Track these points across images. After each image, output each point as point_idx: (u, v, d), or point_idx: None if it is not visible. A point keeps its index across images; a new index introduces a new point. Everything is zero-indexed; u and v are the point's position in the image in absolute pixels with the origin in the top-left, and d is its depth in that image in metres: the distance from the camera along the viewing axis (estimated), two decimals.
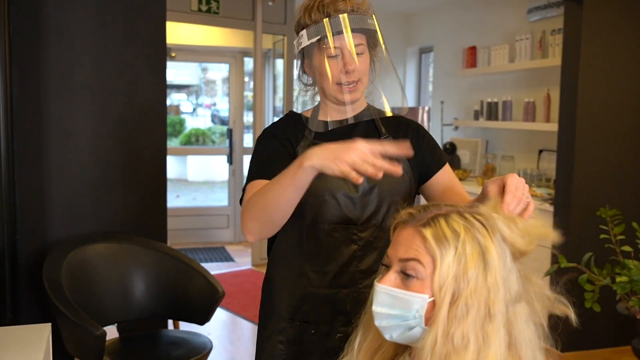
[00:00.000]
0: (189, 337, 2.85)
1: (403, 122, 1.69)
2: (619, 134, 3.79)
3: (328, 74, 1.53)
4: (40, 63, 2.90)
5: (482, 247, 1.07)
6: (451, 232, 1.07)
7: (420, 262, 1.07)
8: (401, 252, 1.11)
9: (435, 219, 1.10)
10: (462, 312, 1.05)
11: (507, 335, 1.07)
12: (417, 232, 1.10)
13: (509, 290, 1.08)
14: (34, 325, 1.83)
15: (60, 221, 2.98)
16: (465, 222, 1.09)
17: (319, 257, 1.56)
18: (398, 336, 1.12)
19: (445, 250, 1.06)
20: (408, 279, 1.09)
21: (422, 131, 1.69)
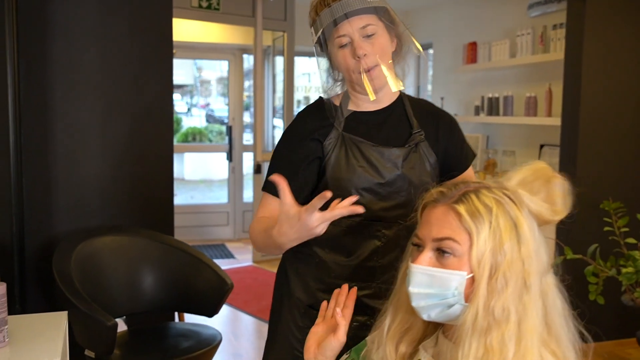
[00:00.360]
0: (198, 329, 2.84)
1: (436, 114, 1.65)
2: (622, 127, 3.80)
3: (343, 65, 1.50)
4: (46, 57, 2.89)
5: (514, 220, 1.09)
6: (484, 207, 1.09)
7: (456, 241, 1.08)
8: (435, 231, 1.11)
9: (466, 196, 1.11)
10: (501, 284, 1.06)
11: (543, 305, 1.09)
12: (450, 209, 1.11)
13: (540, 261, 1.10)
14: (50, 313, 1.83)
15: (66, 214, 2.97)
16: (495, 196, 1.11)
17: (341, 250, 1.55)
18: (436, 315, 1.12)
19: (480, 225, 1.07)
20: (444, 257, 1.09)
21: (454, 127, 1.65)
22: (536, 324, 1.07)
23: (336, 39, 1.48)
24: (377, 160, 1.52)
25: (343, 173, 1.52)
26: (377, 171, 1.52)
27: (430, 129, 1.60)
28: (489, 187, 1.13)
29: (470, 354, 1.05)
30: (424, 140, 1.57)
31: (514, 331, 1.04)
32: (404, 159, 1.53)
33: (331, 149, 1.54)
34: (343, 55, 1.49)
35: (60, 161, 2.94)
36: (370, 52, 1.46)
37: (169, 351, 2.64)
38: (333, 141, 1.54)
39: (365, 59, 1.46)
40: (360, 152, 1.53)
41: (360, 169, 1.52)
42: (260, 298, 4.85)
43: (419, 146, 1.56)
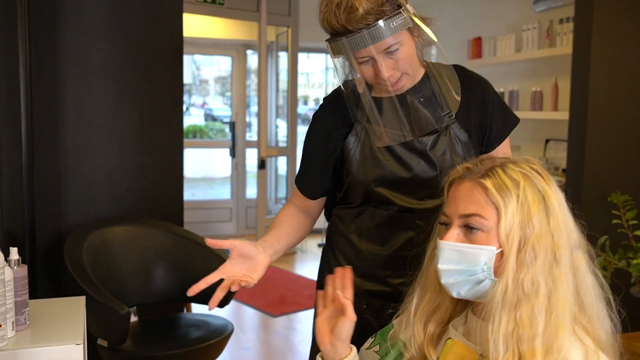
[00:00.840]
0: (209, 320, 2.84)
1: (467, 85, 1.52)
2: (630, 120, 3.80)
3: (365, 77, 1.43)
4: (57, 48, 2.88)
5: (542, 192, 1.09)
6: (510, 181, 1.08)
7: (483, 216, 1.08)
8: (461, 208, 1.11)
9: (492, 170, 1.11)
10: (530, 257, 1.06)
11: (574, 280, 1.09)
12: (477, 184, 1.11)
13: (570, 235, 1.10)
14: (68, 297, 1.82)
15: (76, 205, 2.96)
16: (522, 170, 1.11)
17: (375, 240, 1.55)
18: (466, 292, 1.11)
19: (507, 198, 1.07)
20: (472, 233, 1.09)
21: (487, 98, 1.53)
22: (567, 297, 1.06)
23: (355, 57, 1.40)
24: (403, 153, 1.49)
25: (369, 169, 1.51)
26: (404, 164, 1.49)
27: (461, 104, 1.50)
28: (516, 162, 1.13)
29: (500, 329, 1.04)
30: (454, 121, 1.49)
31: (543, 304, 1.04)
32: (432, 146, 1.48)
33: (355, 144, 1.52)
34: (364, 70, 1.41)
35: (70, 152, 2.93)
36: (394, 70, 1.39)
37: (180, 341, 2.63)
38: (355, 137, 1.52)
39: (390, 78, 1.39)
40: (385, 147, 1.50)
41: (386, 163, 1.49)
42: (266, 293, 4.85)
43: (448, 128, 1.49)
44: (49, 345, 1.48)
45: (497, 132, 1.54)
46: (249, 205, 6.97)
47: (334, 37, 1.38)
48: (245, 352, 3.74)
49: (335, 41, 1.37)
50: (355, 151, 1.52)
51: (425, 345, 1.20)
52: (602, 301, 1.14)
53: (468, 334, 1.16)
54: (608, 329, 1.13)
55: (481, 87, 1.54)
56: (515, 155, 1.23)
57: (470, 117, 1.51)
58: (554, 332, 1.03)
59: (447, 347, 1.17)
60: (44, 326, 1.60)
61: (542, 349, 1.02)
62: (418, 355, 1.21)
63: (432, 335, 1.21)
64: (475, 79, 1.55)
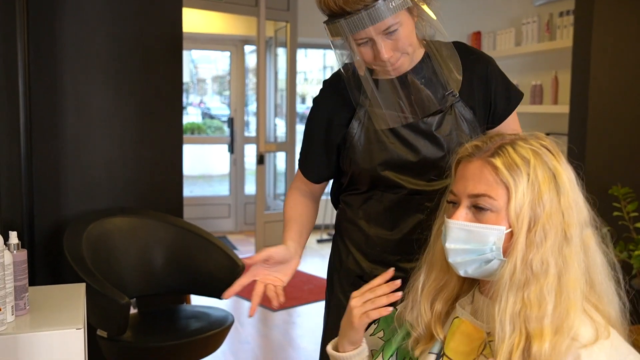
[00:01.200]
0: (209, 311, 2.82)
1: (469, 62, 1.49)
2: (630, 113, 3.79)
3: (364, 59, 1.40)
4: (55, 38, 2.86)
5: (553, 170, 1.07)
6: (520, 159, 1.06)
7: (492, 197, 1.06)
8: (470, 187, 1.09)
9: (502, 148, 1.09)
10: (540, 237, 1.04)
11: (585, 258, 1.07)
12: (486, 163, 1.08)
13: (581, 212, 1.08)
14: (69, 285, 1.81)
15: (75, 195, 2.94)
16: (532, 147, 1.09)
17: (384, 224, 1.53)
18: (474, 271, 1.10)
19: (518, 177, 1.05)
20: (481, 212, 1.07)
21: (490, 77, 1.50)
22: (578, 277, 1.05)
23: (354, 39, 1.37)
24: (408, 135, 1.47)
25: (375, 153, 1.48)
26: (410, 146, 1.47)
27: (464, 82, 1.48)
28: (525, 139, 1.11)
29: (507, 309, 1.03)
30: (458, 100, 1.47)
31: (553, 285, 1.02)
32: (438, 126, 1.46)
33: (358, 129, 1.50)
34: (363, 52, 1.38)
35: (69, 143, 2.91)
36: (394, 50, 1.37)
37: (180, 332, 2.62)
38: (358, 122, 1.50)
39: (390, 59, 1.37)
40: (389, 129, 1.48)
41: (392, 146, 1.47)
42: None
43: (453, 107, 1.46)
44: (49, 330, 1.46)
45: (502, 108, 1.52)
46: (247, 201, 6.95)
47: (331, 19, 1.35)
48: (245, 346, 3.72)
49: (333, 23, 1.35)
50: (360, 136, 1.50)
51: (433, 323, 1.18)
52: (611, 279, 1.12)
53: (475, 313, 1.15)
54: (617, 307, 1.12)
55: (484, 63, 1.51)
56: (525, 132, 1.21)
57: (473, 94, 1.49)
58: (564, 312, 1.02)
59: (454, 326, 1.16)
60: (44, 311, 1.58)
61: (552, 328, 1.01)
62: (425, 334, 1.19)
63: (439, 313, 1.19)
64: (477, 55, 1.53)
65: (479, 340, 1.12)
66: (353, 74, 1.49)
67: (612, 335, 1.04)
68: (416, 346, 1.20)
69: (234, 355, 3.57)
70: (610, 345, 1.01)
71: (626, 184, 3.58)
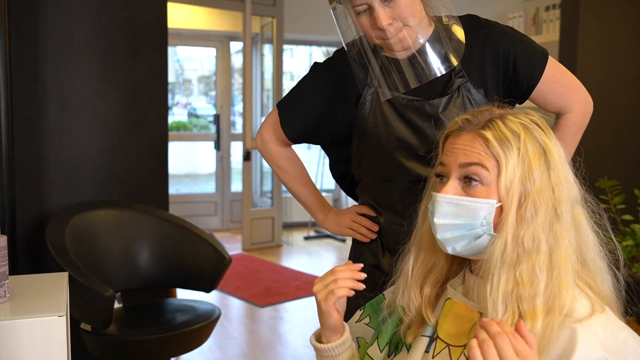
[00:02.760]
0: (196, 305, 2.78)
1: (480, 42, 1.42)
2: (617, 107, 3.80)
3: (364, 31, 1.36)
4: (37, 26, 2.81)
5: (543, 145, 1.05)
6: (511, 133, 1.04)
7: (485, 166, 1.04)
8: (461, 157, 1.06)
9: (492, 122, 1.06)
10: (530, 213, 1.02)
11: (576, 235, 1.05)
12: (477, 135, 1.06)
13: (571, 188, 1.06)
14: (51, 274, 1.76)
15: (58, 189, 2.89)
16: (522, 121, 1.06)
17: (397, 214, 1.50)
18: (462, 247, 1.07)
19: (508, 151, 1.03)
20: (470, 186, 1.05)
21: (507, 50, 1.41)
22: (569, 254, 1.02)
23: (352, 6, 1.33)
24: (414, 118, 1.42)
25: (383, 137, 1.45)
26: (416, 130, 1.42)
27: (475, 60, 1.41)
28: (514, 114, 1.09)
29: (499, 288, 1.00)
30: (467, 81, 1.40)
31: (544, 262, 1.00)
32: (444, 109, 1.40)
33: (367, 110, 1.46)
34: (362, 22, 1.34)
35: (51, 134, 2.86)
36: (393, 19, 1.30)
37: (166, 325, 2.58)
38: (369, 102, 1.46)
39: (389, 27, 1.30)
40: (396, 111, 1.43)
41: (398, 129, 1.43)
42: (252, 284, 4.79)
43: (461, 89, 1.40)
44: (30, 317, 1.42)
45: (529, 77, 1.42)
46: (234, 198, 6.91)
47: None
48: (232, 342, 3.69)
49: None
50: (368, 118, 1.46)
51: (423, 308, 1.16)
52: (603, 258, 1.10)
53: (467, 294, 1.12)
54: (610, 286, 1.10)
55: (496, 37, 1.42)
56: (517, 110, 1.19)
57: (485, 72, 1.42)
58: (556, 290, 1.00)
59: (446, 308, 1.13)
60: (25, 299, 1.54)
61: (544, 307, 0.98)
62: (417, 319, 1.16)
63: (429, 297, 1.17)
64: (490, 28, 1.43)
65: (472, 322, 1.09)
66: (359, 51, 1.43)
67: (607, 309, 1.02)
68: (408, 331, 1.18)
69: (221, 351, 3.53)
70: (606, 318, 0.99)
71: (613, 177, 3.58)
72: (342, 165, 1.62)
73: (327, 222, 1.68)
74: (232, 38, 6.80)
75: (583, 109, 1.51)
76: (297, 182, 1.67)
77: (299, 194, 1.68)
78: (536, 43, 1.46)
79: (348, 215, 1.61)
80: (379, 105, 1.45)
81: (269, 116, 1.64)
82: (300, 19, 6.32)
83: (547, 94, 1.45)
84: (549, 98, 1.46)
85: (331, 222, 1.67)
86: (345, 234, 1.63)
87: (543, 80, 1.43)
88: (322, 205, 1.69)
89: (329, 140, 1.59)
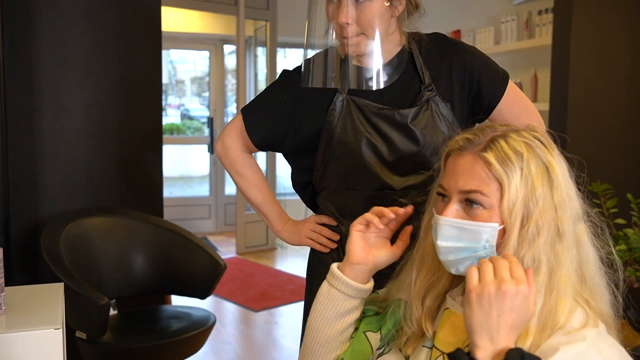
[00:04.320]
0: (190, 311, 2.78)
1: (447, 58, 1.47)
2: (609, 110, 3.82)
3: (330, 21, 1.37)
4: (31, 33, 2.80)
5: (546, 164, 1.04)
6: (513, 152, 1.03)
7: (485, 194, 1.03)
8: (462, 183, 1.05)
9: (494, 141, 1.05)
10: (532, 234, 1.01)
11: (577, 253, 1.05)
12: (478, 158, 1.05)
13: (574, 206, 1.05)
14: (46, 285, 1.76)
15: (52, 195, 2.89)
16: (525, 140, 1.05)
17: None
18: (466, 268, 1.07)
19: (511, 172, 1.02)
20: (472, 208, 1.04)
21: (472, 67, 1.47)
22: (570, 273, 1.02)
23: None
24: (384, 126, 1.45)
25: (352, 143, 1.46)
26: (385, 137, 1.45)
27: (443, 75, 1.46)
28: (517, 130, 1.08)
29: None
30: (435, 94, 1.45)
31: (543, 282, 1.00)
32: (413, 119, 1.44)
33: (337, 116, 1.47)
34: (329, 10, 1.37)
35: (45, 140, 2.86)
36: (353, 22, 1.33)
37: (161, 332, 2.57)
38: (338, 108, 1.47)
39: (347, 27, 1.33)
40: (365, 119, 1.46)
41: (367, 135, 1.45)
42: (247, 288, 4.79)
43: (430, 102, 1.45)
44: (26, 330, 1.42)
45: (490, 95, 1.49)
46: (228, 202, 6.90)
47: None
48: (227, 347, 3.69)
49: None
50: (337, 124, 1.47)
51: (423, 320, 1.16)
52: (603, 276, 1.10)
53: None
54: (608, 302, 1.10)
55: (463, 54, 1.48)
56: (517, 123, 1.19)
57: (452, 87, 1.47)
58: (552, 309, 0.99)
59: (444, 318, 1.14)
60: (21, 312, 1.54)
61: (537, 327, 0.99)
62: (417, 331, 1.17)
63: (429, 309, 1.17)
64: (456, 45, 1.50)
65: None
66: (326, 55, 1.43)
67: (600, 326, 1.02)
68: (407, 342, 1.18)
69: (216, 356, 3.53)
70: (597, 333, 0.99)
71: (606, 181, 3.60)
72: (305, 174, 1.61)
73: (284, 231, 1.66)
74: (225, 41, 6.80)
75: None
76: (256, 190, 1.66)
77: (257, 202, 1.67)
78: (498, 65, 1.52)
79: (307, 225, 1.60)
80: (348, 112, 1.47)
81: (232, 121, 1.63)
82: (293, 22, 6.33)
83: (506, 114, 1.50)
84: (507, 117, 1.50)
85: (289, 232, 1.66)
86: (304, 244, 1.62)
87: (503, 100, 1.49)
88: (280, 215, 1.68)
89: (294, 147, 1.58)
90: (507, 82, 1.50)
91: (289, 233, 1.66)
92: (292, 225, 1.66)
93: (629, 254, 3.15)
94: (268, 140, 1.59)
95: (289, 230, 1.66)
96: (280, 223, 1.67)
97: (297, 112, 1.53)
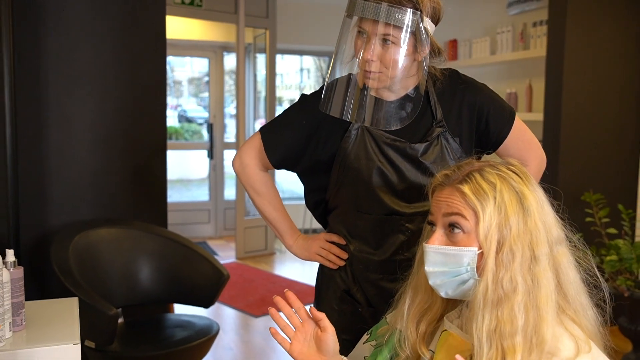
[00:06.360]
0: (195, 320, 2.86)
1: (458, 95, 1.56)
2: (603, 120, 3.91)
3: (355, 48, 1.45)
4: (39, 49, 2.88)
5: (519, 193, 1.13)
6: (487, 184, 1.13)
7: (464, 216, 1.13)
8: (444, 208, 1.16)
9: (470, 175, 1.15)
10: (507, 258, 1.10)
11: (555, 276, 1.14)
12: (455, 190, 1.15)
13: (550, 232, 1.14)
14: (61, 299, 1.84)
15: (60, 207, 2.96)
16: (500, 172, 1.15)
17: (369, 244, 1.59)
18: (453, 291, 1.17)
19: (485, 202, 1.12)
20: (454, 234, 1.14)
21: (481, 105, 1.55)
22: (548, 293, 1.10)
23: (358, 25, 1.43)
24: (395, 157, 1.53)
25: (364, 170, 1.54)
26: (395, 167, 1.53)
27: (453, 111, 1.54)
28: (493, 165, 1.18)
29: (483, 326, 1.09)
30: (446, 130, 1.53)
31: (522, 302, 1.08)
32: (423, 153, 1.52)
33: (351, 144, 1.55)
34: (357, 42, 1.45)
35: (53, 154, 2.94)
36: (378, 59, 1.42)
37: (166, 341, 2.66)
38: (353, 136, 1.55)
39: (371, 63, 1.42)
40: (378, 148, 1.54)
41: (379, 164, 1.53)
42: (247, 293, 4.87)
43: (440, 138, 1.53)
44: (46, 345, 1.50)
45: (497, 132, 1.56)
46: (227, 206, 6.98)
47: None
48: (228, 353, 3.76)
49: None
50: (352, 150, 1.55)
51: (418, 344, 1.25)
52: (585, 294, 1.19)
53: (463, 326, 1.21)
54: (593, 320, 1.18)
55: (473, 91, 1.56)
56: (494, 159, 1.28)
57: (461, 122, 1.55)
58: (535, 327, 1.08)
59: (442, 339, 1.22)
60: (40, 327, 1.62)
61: (524, 344, 1.07)
62: (412, 356, 1.26)
63: (423, 334, 1.26)
64: (468, 83, 1.58)
65: (467, 352, 1.18)
66: (348, 83, 1.52)
67: (593, 348, 1.10)
68: None
69: None
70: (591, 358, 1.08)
71: (598, 191, 3.70)
72: (318, 194, 1.69)
73: (295, 246, 1.75)
74: (225, 48, 6.88)
75: (539, 165, 1.64)
76: (270, 206, 1.74)
77: (271, 217, 1.75)
78: (505, 102, 1.60)
79: (317, 242, 1.69)
80: (362, 141, 1.55)
81: (251, 140, 1.70)
82: (292, 29, 6.43)
83: (511, 148, 1.58)
84: (512, 151, 1.58)
85: (300, 247, 1.75)
86: (313, 260, 1.72)
87: (510, 137, 1.57)
88: (291, 230, 1.76)
89: (309, 168, 1.66)
90: (514, 120, 1.57)
91: (299, 248, 1.75)
92: (302, 241, 1.75)
93: (620, 264, 3.24)
94: (285, 161, 1.68)
95: (299, 246, 1.75)
96: (291, 238, 1.76)
97: (315, 136, 1.61)
